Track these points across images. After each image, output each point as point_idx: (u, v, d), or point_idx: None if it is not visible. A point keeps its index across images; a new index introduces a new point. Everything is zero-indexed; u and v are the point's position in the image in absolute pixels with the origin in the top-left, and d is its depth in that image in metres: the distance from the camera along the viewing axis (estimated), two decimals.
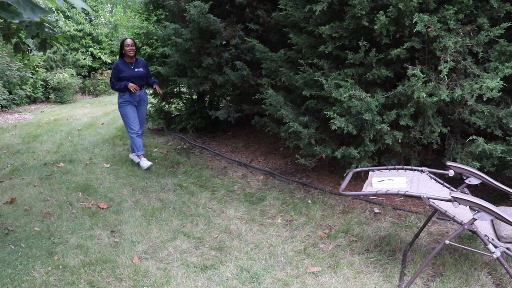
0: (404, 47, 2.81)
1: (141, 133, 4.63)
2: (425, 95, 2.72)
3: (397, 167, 2.48)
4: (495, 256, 1.96)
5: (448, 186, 2.40)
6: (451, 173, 2.38)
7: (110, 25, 12.42)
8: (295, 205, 3.42)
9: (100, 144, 5.61)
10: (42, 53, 9.55)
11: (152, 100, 6.36)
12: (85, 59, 11.21)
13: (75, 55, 10.99)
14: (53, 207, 3.46)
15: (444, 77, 2.72)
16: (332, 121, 3.05)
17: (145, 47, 5.80)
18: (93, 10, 12.00)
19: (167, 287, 2.33)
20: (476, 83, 2.69)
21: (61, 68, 10.37)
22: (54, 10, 11.10)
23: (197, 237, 2.92)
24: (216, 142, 5.43)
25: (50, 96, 9.77)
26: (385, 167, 2.49)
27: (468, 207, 2.06)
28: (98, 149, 5.32)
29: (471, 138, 2.82)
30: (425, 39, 2.79)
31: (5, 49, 8.41)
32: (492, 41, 2.75)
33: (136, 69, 4.38)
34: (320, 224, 3.09)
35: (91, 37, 11.72)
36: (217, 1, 4.50)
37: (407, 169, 2.46)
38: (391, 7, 2.75)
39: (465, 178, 2.34)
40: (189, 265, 2.55)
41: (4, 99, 8.25)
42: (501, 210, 1.93)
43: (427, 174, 2.44)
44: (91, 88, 11.16)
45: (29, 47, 4.04)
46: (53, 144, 5.66)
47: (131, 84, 4.27)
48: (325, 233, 2.94)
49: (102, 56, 11.68)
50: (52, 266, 2.55)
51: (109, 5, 13.92)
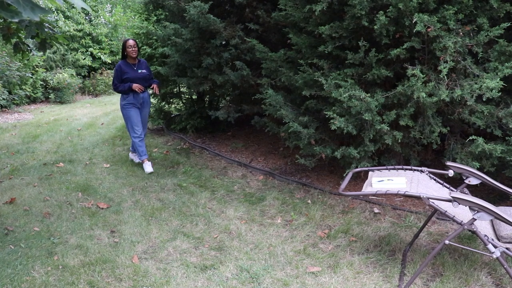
0: (404, 47, 2.81)
1: (144, 135, 4.57)
2: (424, 95, 2.72)
3: (396, 167, 2.48)
4: (494, 256, 1.96)
5: (448, 186, 2.40)
6: (450, 173, 2.38)
7: (110, 25, 12.42)
8: (295, 205, 3.42)
9: (100, 144, 5.61)
10: (41, 53, 9.55)
11: (152, 100, 6.36)
12: (84, 59, 11.21)
13: (75, 55, 10.99)
14: (52, 207, 3.46)
15: (443, 77, 2.73)
16: (332, 121, 3.05)
17: (145, 47, 5.81)
18: (93, 10, 12.00)
19: (166, 287, 2.33)
20: (476, 83, 2.69)
21: (61, 68, 10.36)
22: (54, 10, 11.10)
23: (197, 237, 2.92)
24: (216, 142, 5.43)
25: (49, 96, 9.77)
26: (384, 167, 2.49)
27: (467, 207, 2.06)
28: (98, 149, 5.32)
29: (470, 138, 2.82)
30: (425, 39, 2.79)
31: (5, 49, 8.41)
32: (492, 41, 2.75)
33: (139, 71, 4.29)
34: (320, 224, 3.09)
35: (91, 37, 11.72)
36: (217, 1, 4.50)
37: (406, 169, 2.46)
38: (391, 7, 2.75)
39: (464, 178, 2.34)
40: (189, 265, 2.55)
41: (3, 99, 8.25)
42: (500, 210, 1.93)
43: (426, 174, 2.44)
44: (91, 88, 11.16)
45: (29, 47, 4.04)
46: (52, 144, 5.66)
47: (136, 84, 4.19)
48: (324, 233, 2.94)
49: (102, 56, 11.68)
50: (51, 266, 2.55)
51: (109, 5, 13.92)
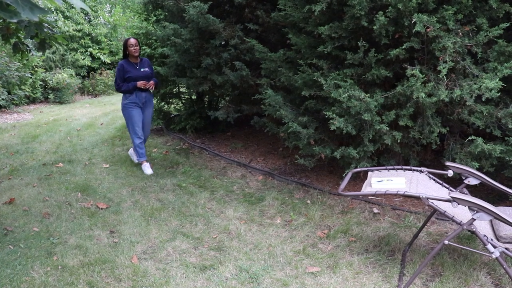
0: (403, 47, 2.81)
1: (146, 137, 4.50)
2: (424, 95, 2.72)
3: (396, 167, 2.48)
4: (494, 256, 1.96)
5: (447, 186, 2.41)
6: (450, 173, 2.38)
7: (109, 25, 12.41)
8: (294, 205, 3.42)
9: (99, 144, 5.60)
10: (41, 53, 9.54)
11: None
12: (84, 59, 11.20)
13: (74, 55, 10.99)
14: (52, 207, 3.45)
15: (443, 77, 2.73)
16: (331, 121, 3.05)
17: (144, 47, 5.81)
18: (92, 10, 11.99)
19: (166, 287, 2.33)
20: (475, 83, 2.69)
21: (60, 68, 10.36)
22: (53, 10, 11.10)
23: (196, 237, 2.92)
24: (215, 142, 5.43)
25: (49, 96, 9.76)
26: (384, 167, 2.49)
27: (467, 207, 2.06)
28: (97, 149, 5.32)
29: (470, 138, 2.82)
30: (424, 39, 2.79)
31: (4, 49, 8.41)
32: (491, 41, 2.75)
33: (142, 69, 4.22)
34: (319, 224, 3.09)
35: (90, 37, 11.71)
36: (216, 1, 4.50)
37: (406, 169, 2.46)
38: (390, 7, 2.75)
39: (464, 178, 2.34)
40: (188, 266, 2.55)
41: (3, 99, 8.24)
42: (500, 210, 1.93)
43: (426, 174, 2.44)
44: (90, 88, 11.16)
45: (28, 47, 4.04)
46: (52, 144, 5.65)
47: (141, 82, 4.15)
48: (324, 233, 2.94)
49: (101, 56, 11.67)
50: (51, 267, 2.55)
51: (108, 5, 13.91)
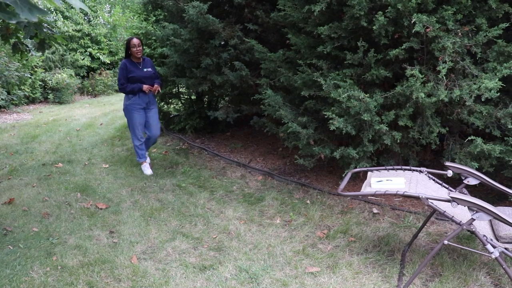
0: (402, 47, 2.81)
1: (157, 137, 4.35)
2: (423, 96, 2.72)
3: (395, 167, 2.48)
4: (493, 256, 1.96)
5: (447, 186, 2.41)
6: (449, 173, 2.38)
7: (109, 26, 12.41)
8: (294, 205, 3.42)
9: (98, 144, 5.60)
10: (40, 53, 9.53)
11: None
12: (83, 59, 11.19)
13: (73, 55, 10.98)
14: (51, 207, 3.45)
15: (442, 77, 2.73)
16: (330, 121, 3.05)
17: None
18: (91, 11, 11.98)
19: (165, 287, 2.33)
20: (475, 83, 2.69)
21: (59, 68, 10.35)
22: (53, 10, 11.09)
23: (196, 237, 2.92)
24: (215, 142, 5.42)
25: (48, 97, 9.76)
26: (383, 167, 2.49)
27: (466, 207, 2.06)
28: (96, 150, 5.31)
29: (469, 138, 2.82)
30: (423, 39, 2.79)
31: (3, 49, 8.40)
32: (491, 41, 2.75)
33: (145, 69, 4.14)
34: (319, 224, 3.09)
35: (89, 37, 11.71)
36: (216, 1, 4.50)
37: (405, 169, 2.47)
38: (389, 7, 2.75)
39: (463, 178, 2.35)
40: (188, 266, 2.55)
41: (2, 99, 8.24)
42: (499, 210, 1.93)
43: (425, 174, 2.44)
44: (90, 88, 11.15)
45: (28, 47, 4.04)
46: (51, 144, 5.65)
47: (147, 86, 4.07)
48: (324, 233, 2.94)
49: (100, 57, 11.67)
50: (50, 267, 2.55)
51: (107, 5, 13.90)
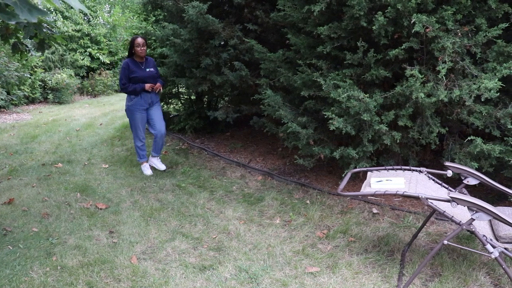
0: (402, 47, 2.81)
1: (163, 134, 4.25)
2: (423, 96, 2.72)
3: (395, 167, 2.48)
4: (493, 256, 1.97)
5: (447, 186, 2.41)
6: (449, 173, 2.38)
7: (109, 26, 12.41)
8: (293, 205, 3.42)
9: (98, 144, 5.60)
10: (40, 53, 9.53)
11: None
12: (83, 59, 11.19)
13: (73, 55, 10.98)
14: (51, 207, 3.45)
15: (442, 77, 2.73)
16: (330, 121, 3.05)
17: None
18: (91, 11, 11.99)
19: (165, 287, 2.33)
20: (474, 83, 2.69)
21: (59, 68, 10.35)
22: (52, 11, 11.09)
23: (196, 237, 2.92)
24: (214, 142, 5.42)
25: (48, 97, 9.75)
26: (383, 167, 2.49)
27: (466, 207, 2.06)
28: (96, 150, 5.31)
29: (469, 138, 2.83)
30: (423, 39, 2.80)
31: (3, 49, 8.40)
32: (490, 41, 2.75)
33: (147, 69, 4.07)
34: (319, 224, 3.09)
35: (89, 37, 11.70)
36: (215, 1, 4.50)
37: (405, 169, 2.47)
38: (389, 7, 2.76)
39: (463, 178, 2.35)
40: (188, 266, 2.54)
41: (2, 99, 8.24)
42: (499, 210, 1.94)
43: (425, 174, 2.44)
44: (90, 88, 11.15)
45: (27, 47, 4.03)
46: (51, 144, 5.65)
47: (149, 84, 4.00)
48: (323, 233, 2.94)
49: (100, 57, 11.67)
50: (50, 267, 2.55)
51: (107, 5, 13.90)
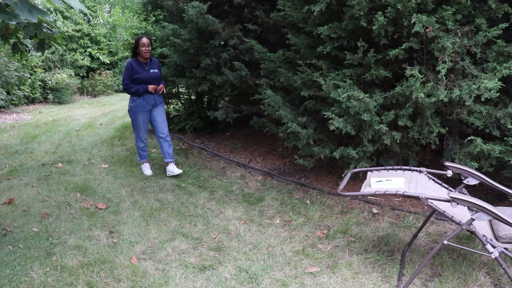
0: (402, 47, 2.81)
1: (167, 135, 4.20)
2: (423, 96, 2.72)
3: (395, 167, 2.48)
4: (493, 256, 1.97)
5: (446, 186, 2.41)
6: (449, 173, 2.38)
7: (109, 26, 12.41)
8: (293, 205, 3.42)
9: (98, 144, 5.60)
10: (40, 53, 9.53)
11: None
12: (83, 59, 11.20)
13: (73, 55, 10.98)
14: (51, 207, 3.45)
15: (442, 77, 2.73)
16: (330, 121, 3.05)
17: None
18: (91, 11, 11.99)
19: (165, 287, 2.33)
20: (474, 83, 2.69)
21: (59, 68, 10.35)
22: (52, 11, 11.09)
23: (196, 237, 2.92)
24: (214, 142, 5.42)
25: (48, 97, 9.75)
26: (383, 167, 2.49)
27: (466, 207, 2.06)
28: (96, 150, 5.31)
29: (469, 138, 2.83)
30: (423, 39, 2.80)
31: (3, 49, 8.40)
32: (490, 41, 2.76)
33: (151, 70, 4.02)
34: (319, 224, 3.09)
35: (89, 37, 11.71)
36: (215, 1, 4.50)
37: (405, 169, 2.47)
38: (389, 7, 2.76)
39: (463, 178, 2.35)
40: (188, 266, 2.54)
41: (2, 99, 8.24)
42: (499, 210, 1.94)
43: (425, 174, 2.44)
44: (90, 88, 11.15)
45: (27, 47, 4.03)
46: (51, 144, 5.65)
47: (152, 86, 3.97)
48: (323, 233, 2.94)
49: (100, 57, 11.67)
50: (50, 267, 2.55)
51: (107, 5, 13.90)
